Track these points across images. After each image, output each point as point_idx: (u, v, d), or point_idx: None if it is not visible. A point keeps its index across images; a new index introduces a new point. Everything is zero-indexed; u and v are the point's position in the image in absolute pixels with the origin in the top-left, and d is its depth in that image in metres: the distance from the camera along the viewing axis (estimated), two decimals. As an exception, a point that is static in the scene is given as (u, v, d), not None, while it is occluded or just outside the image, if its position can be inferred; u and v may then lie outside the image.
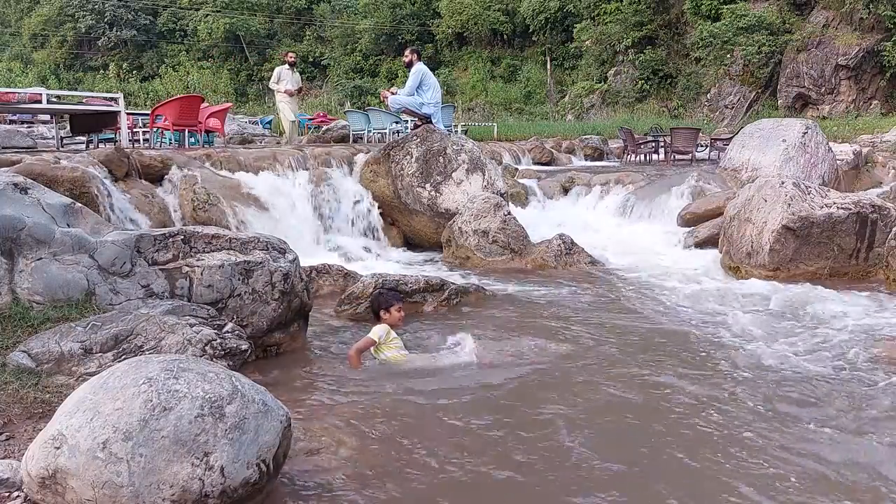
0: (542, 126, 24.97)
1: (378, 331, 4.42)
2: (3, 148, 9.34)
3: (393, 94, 9.91)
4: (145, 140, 12.11)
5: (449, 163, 9.08)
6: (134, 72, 42.49)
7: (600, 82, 32.12)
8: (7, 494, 2.46)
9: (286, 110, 12.42)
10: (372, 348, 4.40)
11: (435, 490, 2.88)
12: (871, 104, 24.47)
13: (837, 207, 6.95)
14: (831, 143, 11.47)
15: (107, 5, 45.74)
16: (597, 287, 6.83)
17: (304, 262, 5.26)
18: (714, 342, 4.95)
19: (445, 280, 6.11)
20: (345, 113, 18.91)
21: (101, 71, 43.45)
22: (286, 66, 12.29)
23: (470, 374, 4.25)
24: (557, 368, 4.37)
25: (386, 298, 4.61)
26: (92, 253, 4.05)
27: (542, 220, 10.26)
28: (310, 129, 19.89)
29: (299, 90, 12.62)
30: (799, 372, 4.31)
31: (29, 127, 15.46)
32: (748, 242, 7.28)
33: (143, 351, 3.54)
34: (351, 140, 15.26)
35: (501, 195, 8.92)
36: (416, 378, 4.15)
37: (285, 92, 12.08)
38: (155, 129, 11.28)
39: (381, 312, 4.55)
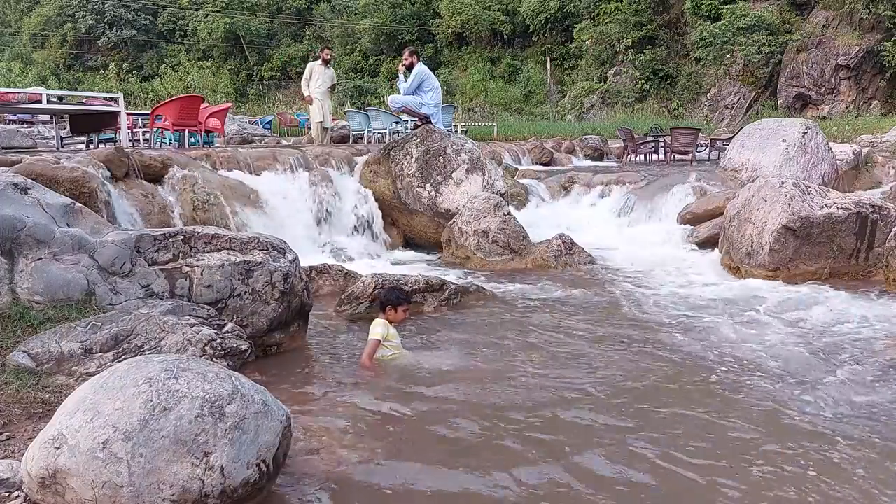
0: (542, 126, 24.99)
1: (379, 330, 4.43)
2: (3, 148, 9.34)
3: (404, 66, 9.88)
4: (145, 140, 12.10)
5: (449, 163, 9.08)
6: (134, 72, 42.52)
7: (600, 82, 32.13)
8: (7, 494, 2.46)
9: (315, 110, 12.04)
10: None
11: (434, 490, 2.88)
12: (871, 104, 24.48)
13: (837, 207, 6.95)
14: (831, 143, 11.47)
15: (107, 5, 45.72)
16: (597, 287, 6.83)
17: (304, 262, 5.26)
18: (714, 343, 4.95)
19: (445, 280, 6.11)
20: (345, 113, 18.92)
21: (101, 71, 43.45)
22: (319, 62, 11.88)
23: (469, 374, 4.25)
24: (557, 371, 4.37)
25: (397, 296, 4.66)
26: (92, 253, 4.05)
27: (542, 220, 10.27)
28: (310, 129, 19.91)
29: (332, 88, 12.29)
30: (800, 373, 4.31)
31: (29, 127, 15.46)
32: (748, 242, 7.28)
33: (143, 351, 3.54)
34: (351, 140, 15.27)
35: (501, 195, 8.92)
36: (416, 378, 4.15)
37: (306, 99, 11.82)
38: (155, 129, 11.28)
39: (388, 308, 4.57)
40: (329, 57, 12.01)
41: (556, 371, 4.33)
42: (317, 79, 11.78)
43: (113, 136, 10.29)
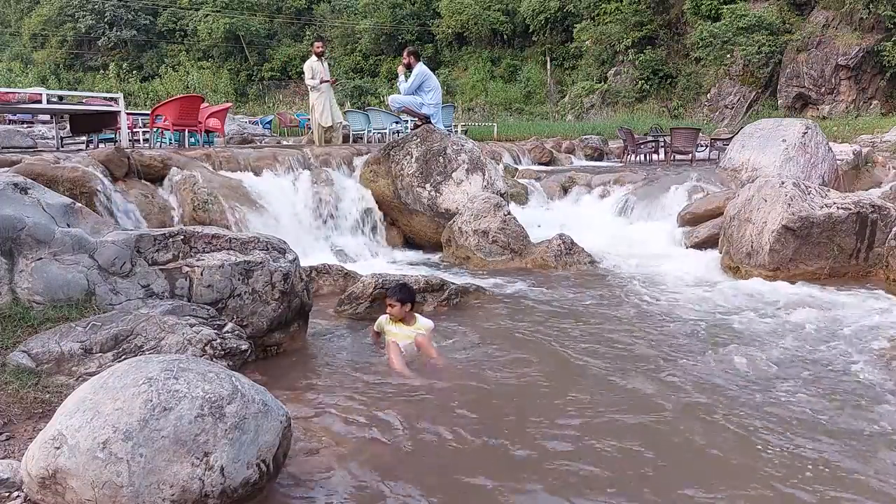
0: (542, 126, 25.00)
1: (378, 321, 4.72)
2: (3, 148, 9.33)
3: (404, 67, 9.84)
4: (145, 140, 12.10)
5: (449, 163, 9.08)
6: (134, 72, 42.51)
7: (600, 82, 32.14)
8: (7, 494, 2.46)
9: (318, 112, 11.78)
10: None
11: (434, 490, 2.88)
12: (871, 104, 24.48)
13: (837, 207, 6.95)
14: (831, 143, 11.47)
15: (107, 5, 45.76)
16: (596, 287, 6.83)
17: (304, 262, 5.26)
18: (713, 344, 4.95)
19: (445, 280, 6.11)
20: (345, 113, 18.92)
21: (101, 71, 43.46)
22: (314, 57, 11.69)
23: (469, 375, 4.25)
24: (557, 371, 4.37)
25: (387, 290, 4.82)
26: (92, 253, 4.05)
27: (542, 220, 10.27)
28: (309, 129, 19.92)
29: (333, 81, 12.11)
30: (800, 373, 4.31)
31: (29, 127, 15.45)
32: (748, 242, 7.28)
33: (143, 351, 3.54)
34: (351, 140, 15.27)
35: (501, 195, 8.92)
36: (416, 378, 4.15)
37: (320, 82, 11.64)
38: (155, 129, 11.28)
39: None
40: (321, 50, 11.89)
41: (556, 373, 4.33)
42: (318, 76, 11.67)
43: (113, 136, 10.29)
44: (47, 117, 13.98)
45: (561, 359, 4.57)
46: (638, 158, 17.34)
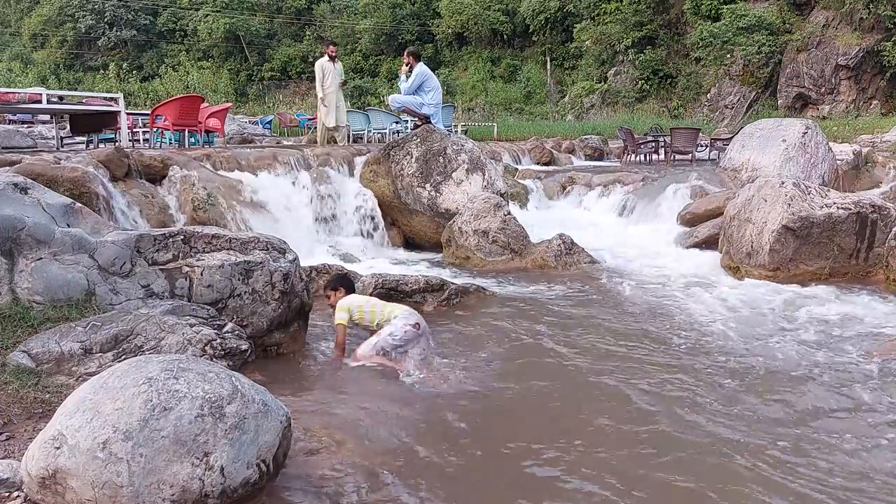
0: (542, 126, 24.98)
1: None
2: (3, 148, 9.33)
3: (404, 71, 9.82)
4: (145, 140, 12.10)
5: (449, 163, 9.08)
6: (134, 72, 42.51)
7: (600, 82, 32.13)
8: (7, 494, 2.46)
9: (323, 112, 11.73)
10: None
11: (434, 490, 2.88)
12: (871, 104, 24.47)
13: (837, 207, 6.95)
14: (831, 143, 11.47)
15: (107, 5, 45.75)
16: (596, 288, 6.83)
17: (304, 262, 5.26)
18: (713, 344, 4.95)
19: (445, 280, 6.11)
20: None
21: (101, 71, 43.43)
22: (326, 58, 11.64)
23: (468, 375, 4.25)
24: (556, 373, 4.37)
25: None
26: (92, 253, 4.05)
27: (542, 220, 10.27)
28: (309, 129, 19.99)
29: (343, 83, 12.07)
30: (800, 373, 4.31)
31: (29, 127, 15.45)
32: (748, 242, 7.28)
33: (143, 351, 3.54)
34: (351, 140, 15.27)
35: (501, 195, 8.92)
36: (416, 379, 4.15)
37: (322, 100, 11.61)
38: (155, 129, 11.27)
39: None
40: (334, 53, 11.86)
41: (555, 375, 4.33)
42: (328, 76, 11.61)
43: (113, 136, 10.30)
44: (47, 117, 13.98)
45: (560, 361, 4.57)
46: (638, 158, 17.35)
